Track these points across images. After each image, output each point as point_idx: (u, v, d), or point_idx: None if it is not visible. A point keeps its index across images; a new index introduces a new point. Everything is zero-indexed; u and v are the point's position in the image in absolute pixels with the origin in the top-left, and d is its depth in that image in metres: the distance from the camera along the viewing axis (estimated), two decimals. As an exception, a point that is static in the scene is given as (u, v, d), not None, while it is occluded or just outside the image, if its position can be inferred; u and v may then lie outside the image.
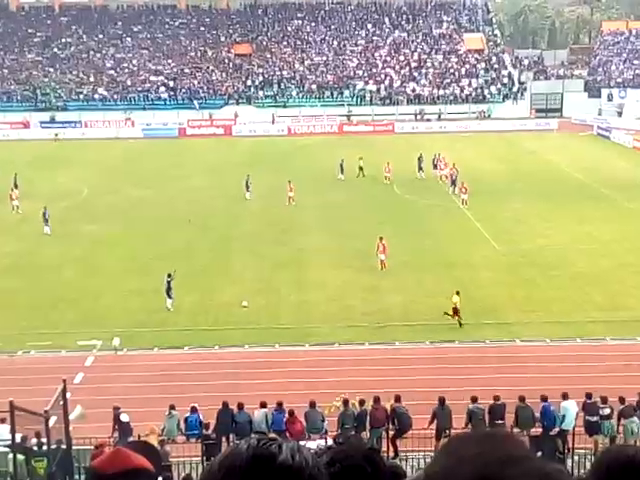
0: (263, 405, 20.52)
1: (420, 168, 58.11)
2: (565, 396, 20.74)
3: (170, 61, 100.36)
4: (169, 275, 32.33)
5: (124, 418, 20.36)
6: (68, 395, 19.59)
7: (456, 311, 29.90)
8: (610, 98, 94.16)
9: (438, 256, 39.20)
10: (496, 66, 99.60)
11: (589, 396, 20.71)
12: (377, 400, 20.50)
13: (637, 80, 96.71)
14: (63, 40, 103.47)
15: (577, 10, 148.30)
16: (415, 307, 32.29)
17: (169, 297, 32.04)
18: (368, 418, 20.34)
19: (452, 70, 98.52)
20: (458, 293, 30.36)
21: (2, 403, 16.74)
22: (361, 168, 58.63)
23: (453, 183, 53.23)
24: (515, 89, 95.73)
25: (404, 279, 35.73)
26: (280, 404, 20.40)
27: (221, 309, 32.42)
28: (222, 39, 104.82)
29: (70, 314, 32.05)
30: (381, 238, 37.06)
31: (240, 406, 20.43)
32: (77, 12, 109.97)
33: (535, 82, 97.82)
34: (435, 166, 58.65)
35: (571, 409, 20.55)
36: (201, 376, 25.80)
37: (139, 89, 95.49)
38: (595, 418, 20.38)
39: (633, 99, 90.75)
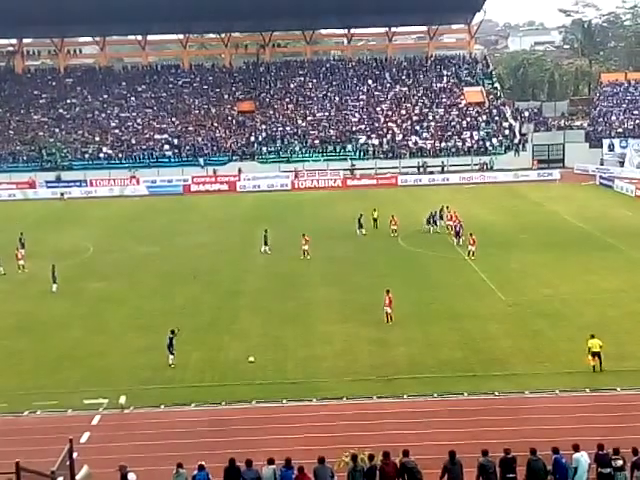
0: (271, 462, 20.28)
1: (435, 222, 58.08)
2: (577, 448, 20.48)
3: (174, 119, 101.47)
4: (172, 332, 32.40)
5: (131, 477, 20.13)
6: (74, 455, 19.42)
7: (597, 355, 29.94)
8: (611, 148, 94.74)
9: (444, 308, 39.12)
10: (497, 118, 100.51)
11: (601, 447, 20.42)
12: (387, 455, 20.25)
13: (638, 130, 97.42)
14: (68, 101, 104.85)
15: (576, 62, 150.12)
16: (422, 359, 32.10)
17: (171, 353, 32.09)
18: (378, 473, 20.07)
19: (453, 123, 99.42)
20: (593, 336, 30.33)
21: (8, 464, 16.57)
22: (375, 220, 59.20)
23: (457, 235, 53.32)
24: (516, 141, 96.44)
25: (410, 331, 35.59)
26: (289, 460, 20.16)
27: (228, 365, 32.26)
28: (225, 97, 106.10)
29: (76, 373, 31.91)
30: (388, 291, 37.06)
31: (248, 463, 20.19)
32: (82, 73, 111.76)
33: (536, 133, 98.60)
34: (441, 217, 58.87)
35: (583, 461, 20.27)
36: (208, 433, 25.57)
37: (143, 147, 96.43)
38: (608, 470, 20.08)
39: (634, 148, 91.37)
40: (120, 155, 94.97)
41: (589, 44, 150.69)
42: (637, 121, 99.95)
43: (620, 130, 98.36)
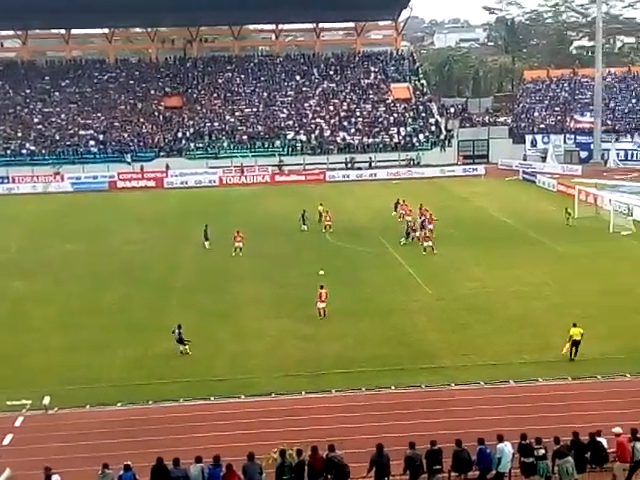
0: (199, 460, 20.18)
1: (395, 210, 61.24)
2: (501, 438, 20.92)
3: (99, 115, 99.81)
4: (179, 327, 32.59)
5: (56, 479, 19.80)
6: (-3, 458, 19.02)
7: (576, 343, 30.35)
8: (534, 144, 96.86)
9: (374, 303, 39.37)
10: (423, 114, 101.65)
11: (524, 437, 20.91)
12: (315, 450, 20.35)
13: (559, 126, 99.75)
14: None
15: (500, 59, 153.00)
16: (352, 354, 32.27)
17: (182, 344, 32.36)
18: (306, 468, 20.16)
19: (381, 119, 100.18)
20: (575, 325, 30.75)
21: None
22: (320, 214, 59.37)
23: (422, 228, 53.23)
24: (442, 136, 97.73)
25: (341, 327, 35.73)
26: (217, 458, 20.09)
27: (156, 363, 31.89)
28: (152, 92, 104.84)
29: (-2, 374, 31.17)
30: (322, 287, 37.18)
31: (176, 462, 20.06)
32: (3, 67, 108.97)
33: (461, 129, 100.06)
34: (395, 210, 61.60)
35: (507, 451, 20.71)
36: (135, 432, 25.25)
37: (68, 143, 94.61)
38: (530, 459, 20.56)
39: (555, 144, 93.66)
40: (44, 151, 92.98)
41: (512, 41, 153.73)
42: (559, 117, 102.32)
43: (542, 126, 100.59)
